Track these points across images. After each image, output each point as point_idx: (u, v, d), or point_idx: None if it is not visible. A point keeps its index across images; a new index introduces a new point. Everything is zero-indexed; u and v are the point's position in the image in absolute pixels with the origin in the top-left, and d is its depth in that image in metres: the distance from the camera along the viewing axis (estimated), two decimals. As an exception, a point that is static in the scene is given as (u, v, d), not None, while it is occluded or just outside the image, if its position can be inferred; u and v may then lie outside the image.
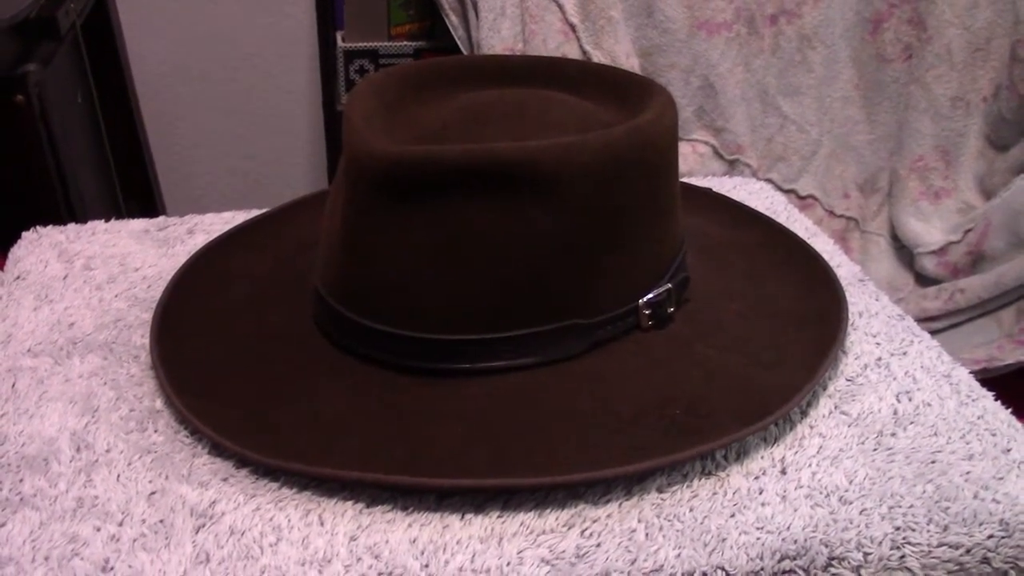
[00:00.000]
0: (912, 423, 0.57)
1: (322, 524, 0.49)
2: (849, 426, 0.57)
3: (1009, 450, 0.55)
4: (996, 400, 0.60)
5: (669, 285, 0.61)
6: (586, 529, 0.49)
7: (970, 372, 0.63)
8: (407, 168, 0.54)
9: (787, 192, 1.48)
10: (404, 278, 0.56)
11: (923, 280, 1.44)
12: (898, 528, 0.50)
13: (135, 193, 1.54)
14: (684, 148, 1.42)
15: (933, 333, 1.31)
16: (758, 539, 0.49)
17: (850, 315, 0.67)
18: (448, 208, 0.54)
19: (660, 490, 0.52)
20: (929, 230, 1.45)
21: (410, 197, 0.54)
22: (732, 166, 1.44)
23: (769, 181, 1.46)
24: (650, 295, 0.61)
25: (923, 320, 1.34)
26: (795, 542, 0.49)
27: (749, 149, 1.44)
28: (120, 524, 0.49)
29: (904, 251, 1.49)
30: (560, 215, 0.55)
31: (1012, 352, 1.22)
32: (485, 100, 0.63)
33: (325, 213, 0.62)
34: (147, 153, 1.57)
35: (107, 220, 0.80)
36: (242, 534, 0.48)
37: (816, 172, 1.48)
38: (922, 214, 1.47)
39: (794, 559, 0.48)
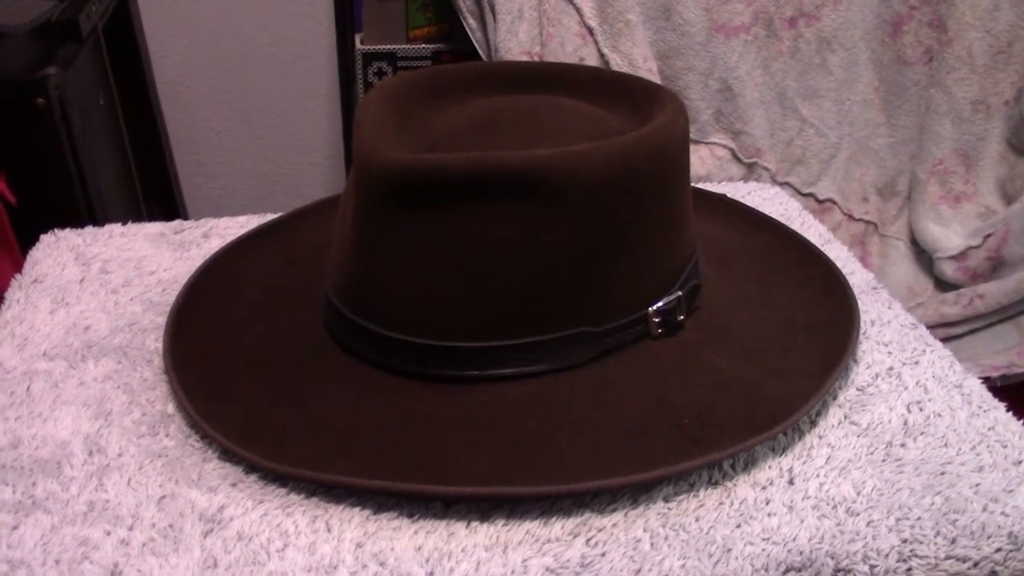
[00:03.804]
0: (922, 434, 0.57)
1: (329, 530, 0.50)
2: (858, 436, 0.57)
3: (1020, 462, 0.55)
4: (1008, 411, 0.59)
5: (679, 293, 0.61)
6: (591, 538, 0.49)
7: (989, 378, 0.62)
8: (416, 176, 0.54)
9: (806, 196, 1.47)
10: (413, 285, 0.57)
11: (942, 285, 1.43)
12: (905, 540, 0.49)
13: (156, 194, 1.55)
14: (702, 151, 1.42)
15: (952, 339, 1.31)
16: (763, 550, 0.49)
17: (862, 323, 0.66)
18: (457, 216, 0.54)
19: (666, 499, 0.52)
20: (948, 235, 1.43)
21: (419, 205, 0.55)
22: (750, 169, 1.43)
23: (788, 185, 1.45)
24: (660, 303, 0.60)
25: (942, 326, 1.33)
26: (801, 553, 0.49)
27: (768, 152, 1.43)
28: (130, 528, 0.49)
29: (923, 256, 1.48)
30: (569, 223, 0.55)
31: (1032, 358, 1.21)
32: (497, 107, 0.63)
33: (336, 219, 0.62)
34: (168, 154, 1.59)
35: (124, 223, 0.81)
36: (250, 539, 0.49)
37: (835, 176, 1.47)
38: (942, 218, 1.46)
39: (799, 570, 0.48)
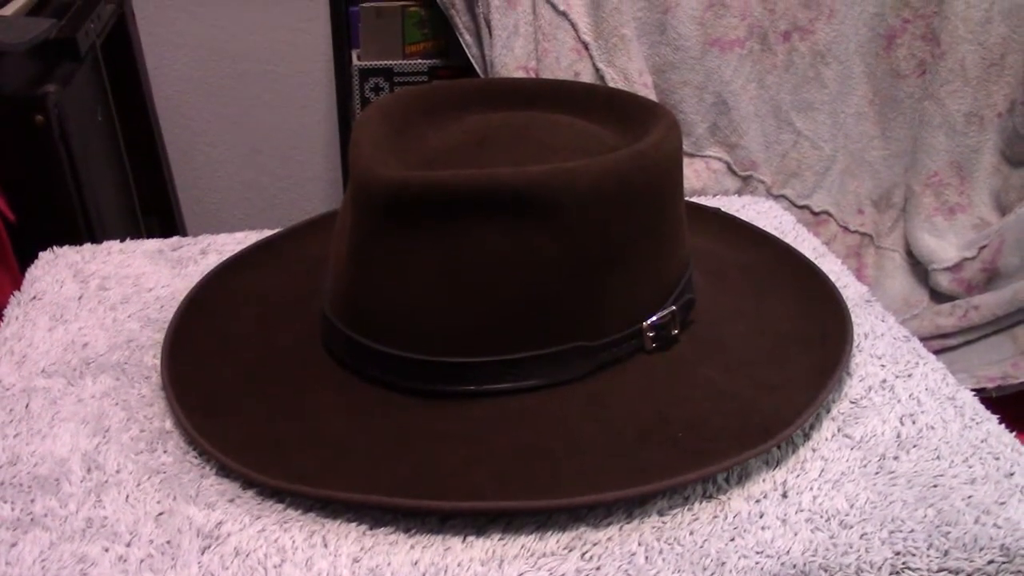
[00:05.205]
0: (915, 446, 0.57)
1: (326, 546, 0.50)
2: (852, 449, 0.57)
3: (1012, 474, 0.55)
4: (1001, 423, 0.60)
5: (673, 307, 0.62)
6: (586, 552, 0.50)
7: (984, 389, 0.63)
8: (411, 193, 0.55)
9: (801, 208, 1.47)
10: (410, 301, 0.57)
11: (938, 296, 1.44)
12: (898, 553, 0.50)
13: (154, 209, 1.56)
14: (698, 164, 1.43)
15: (947, 350, 1.32)
16: (757, 563, 0.49)
17: (856, 336, 0.67)
18: (452, 232, 0.55)
19: (661, 513, 0.52)
20: (943, 246, 1.44)
21: (414, 222, 0.55)
22: (746, 182, 1.44)
23: (783, 197, 1.46)
24: (654, 318, 0.61)
25: (937, 337, 1.34)
26: (794, 566, 0.49)
27: (763, 165, 1.44)
28: (128, 545, 0.49)
29: (919, 267, 1.49)
30: (562, 239, 0.56)
31: (1027, 369, 1.21)
32: (492, 123, 0.64)
33: (333, 235, 0.63)
34: (166, 169, 1.59)
35: (123, 239, 0.82)
36: (247, 555, 0.49)
37: (830, 188, 1.48)
38: (937, 230, 1.47)
39: (793, 583, 0.49)
